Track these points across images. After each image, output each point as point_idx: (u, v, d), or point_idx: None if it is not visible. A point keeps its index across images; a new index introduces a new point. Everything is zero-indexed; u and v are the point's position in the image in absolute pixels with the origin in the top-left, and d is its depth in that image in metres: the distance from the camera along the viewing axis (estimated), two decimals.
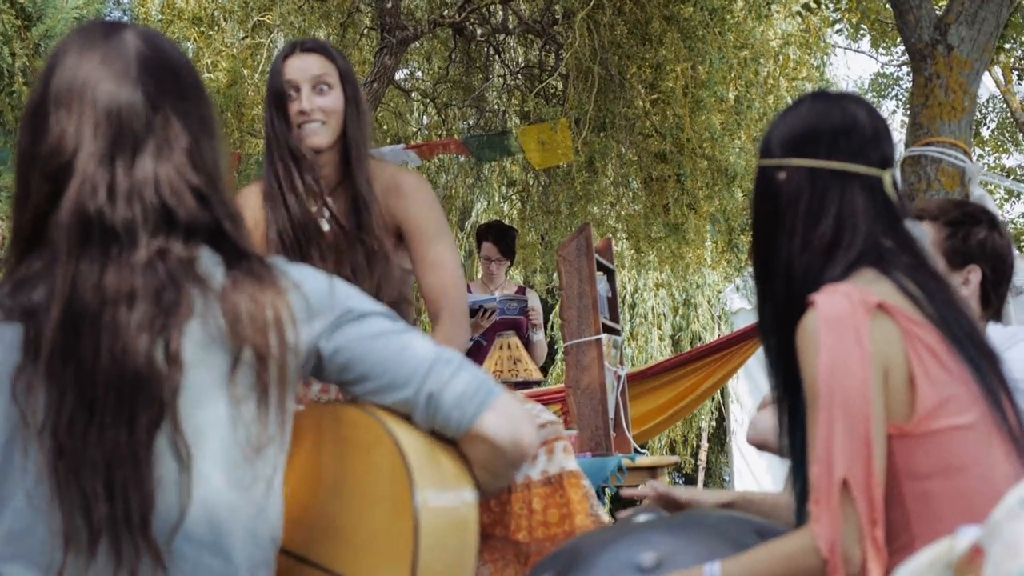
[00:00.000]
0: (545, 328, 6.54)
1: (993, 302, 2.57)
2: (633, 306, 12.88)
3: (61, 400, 1.40)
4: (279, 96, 2.64)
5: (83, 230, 1.44)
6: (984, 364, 1.67)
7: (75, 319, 1.41)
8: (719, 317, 12.92)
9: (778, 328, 1.76)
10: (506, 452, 1.56)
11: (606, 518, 2.47)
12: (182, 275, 1.46)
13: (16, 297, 1.45)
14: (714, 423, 13.42)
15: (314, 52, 2.65)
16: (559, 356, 11.43)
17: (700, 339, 12.59)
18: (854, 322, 1.60)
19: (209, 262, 1.50)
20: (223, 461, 1.46)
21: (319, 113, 2.61)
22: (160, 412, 1.41)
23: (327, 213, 2.67)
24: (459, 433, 1.55)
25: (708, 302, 12.98)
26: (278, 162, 2.64)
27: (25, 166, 1.49)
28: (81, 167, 1.45)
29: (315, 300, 1.56)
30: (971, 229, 2.53)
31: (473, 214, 12.18)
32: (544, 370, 12.26)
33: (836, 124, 1.79)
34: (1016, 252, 3.87)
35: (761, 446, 2.83)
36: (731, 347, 7.31)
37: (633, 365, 11.39)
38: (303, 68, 2.63)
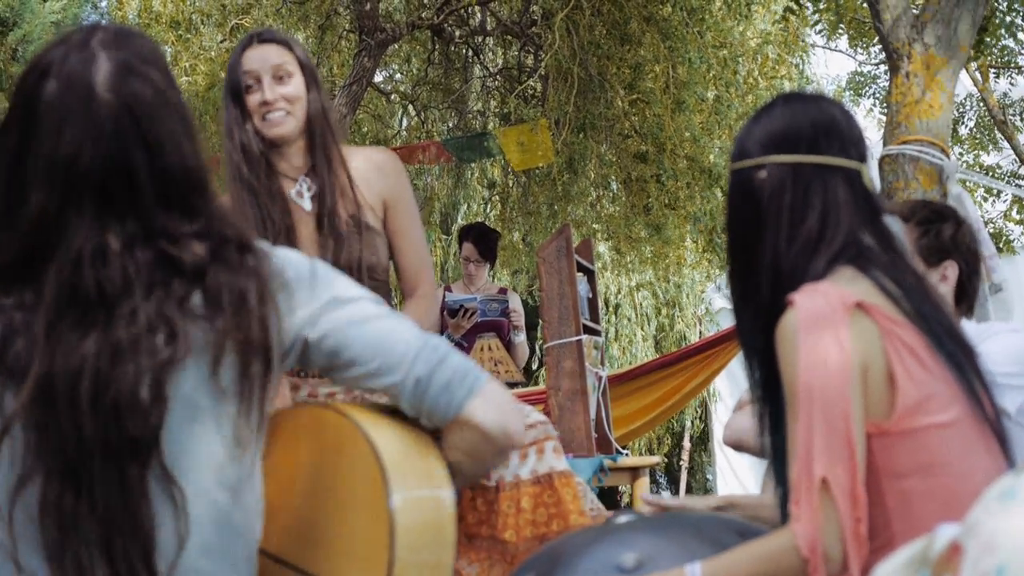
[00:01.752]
0: (530, 330, 6.53)
1: (968, 296, 2.59)
2: (618, 307, 12.90)
3: (47, 474, 1.38)
4: (237, 88, 2.62)
5: (71, 298, 1.41)
6: (963, 360, 1.67)
7: (53, 388, 1.38)
8: (702, 317, 12.96)
9: (758, 328, 1.76)
10: (494, 438, 1.56)
11: (601, 506, 2.48)
12: (177, 315, 1.43)
13: None
14: (697, 423, 13.46)
15: (272, 42, 2.63)
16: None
17: (684, 339, 12.63)
18: (833, 321, 1.60)
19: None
20: (209, 465, 1.46)
21: (282, 102, 2.59)
22: (148, 457, 1.40)
23: (307, 192, 2.66)
24: (447, 418, 1.55)
25: (691, 302, 13.02)
26: (236, 154, 2.62)
27: (4, 221, 1.46)
28: (68, 238, 1.42)
29: (297, 287, 1.55)
30: (941, 226, 2.56)
31: (459, 218, 12.17)
32: (530, 372, 12.27)
33: (816, 120, 1.80)
34: (995, 251, 3.90)
35: (737, 446, 2.84)
36: (715, 347, 7.32)
37: (619, 366, 11.41)
38: (262, 58, 2.60)
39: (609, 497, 12.63)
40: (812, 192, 1.76)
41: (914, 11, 4.57)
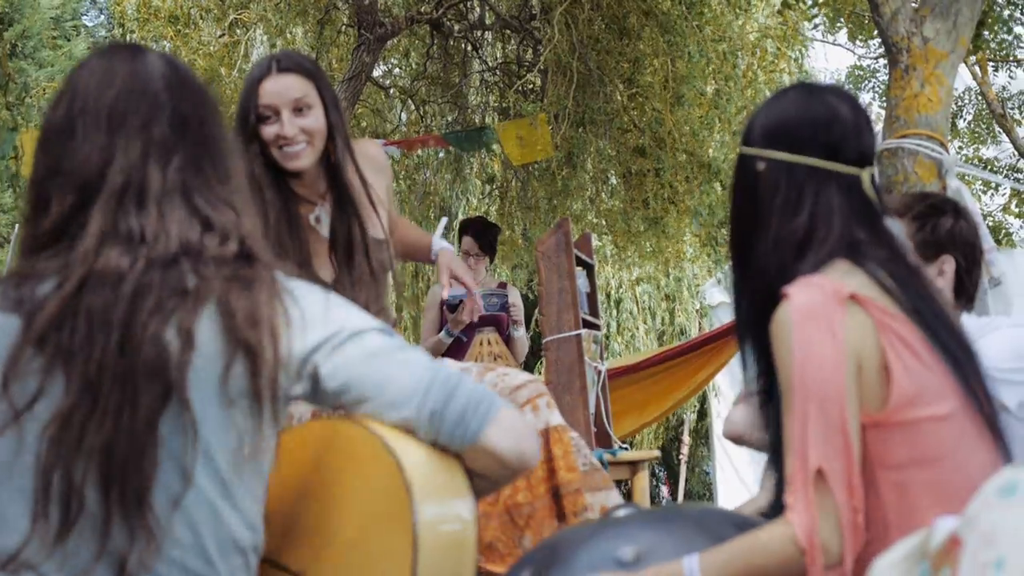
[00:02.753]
0: (529, 324, 6.52)
1: (967, 289, 2.57)
2: (619, 301, 12.91)
3: (62, 390, 1.40)
4: (247, 116, 2.49)
5: (113, 229, 1.48)
6: (959, 354, 1.67)
7: (82, 302, 1.43)
8: (700, 311, 12.98)
9: (753, 321, 1.76)
10: (510, 464, 1.57)
11: (597, 461, 2.49)
12: (206, 268, 1.49)
13: (21, 289, 1.46)
14: (695, 417, 13.48)
15: (291, 72, 2.50)
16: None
17: (684, 334, 12.65)
18: (827, 313, 1.60)
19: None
20: (212, 466, 1.46)
21: (302, 135, 2.48)
22: (167, 392, 1.42)
23: (325, 218, 2.60)
24: (463, 448, 1.55)
25: (691, 296, 13.03)
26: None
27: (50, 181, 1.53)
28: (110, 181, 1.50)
29: (311, 312, 1.55)
30: (938, 220, 2.54)
31: (458, 213, 12.16)
32: (530, 366, 12.26)
33: (817, 119, 1.79)
34: (994, 244, 3.89)
35: (737, 440, 2.84)
36: (717, 341, 7.32)
37: (620, 356, 11.43)
38: (281, 92, 2.48)
39: None
40: (804, 195, 1.76)
41: (913, 5, 4.57)
